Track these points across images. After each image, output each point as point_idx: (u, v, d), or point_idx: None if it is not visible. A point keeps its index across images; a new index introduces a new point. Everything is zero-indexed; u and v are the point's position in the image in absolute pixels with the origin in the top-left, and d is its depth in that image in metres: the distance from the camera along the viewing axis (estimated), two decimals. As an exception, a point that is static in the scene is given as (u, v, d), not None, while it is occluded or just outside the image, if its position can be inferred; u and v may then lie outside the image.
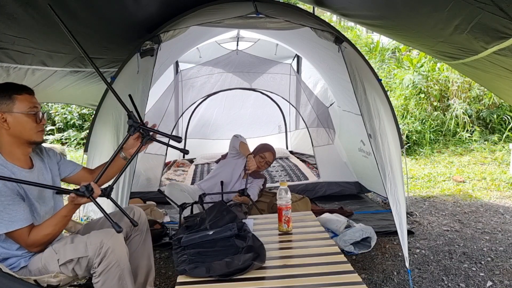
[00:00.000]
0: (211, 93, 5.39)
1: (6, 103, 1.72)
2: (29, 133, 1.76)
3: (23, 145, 1.79)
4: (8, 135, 1.73)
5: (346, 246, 2.98)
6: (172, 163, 5.85)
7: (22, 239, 1.69)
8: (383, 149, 2.76)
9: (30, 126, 1.76)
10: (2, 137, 1.73)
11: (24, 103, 1.75)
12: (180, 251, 1.84)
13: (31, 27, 2.27)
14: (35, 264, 1.74)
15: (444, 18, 1.97)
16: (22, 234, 1.67)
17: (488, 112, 7.52)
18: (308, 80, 5.43)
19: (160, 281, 2.74)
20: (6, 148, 1.74)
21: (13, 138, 1.74)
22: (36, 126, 1.78)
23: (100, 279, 1.69)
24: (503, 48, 1.89)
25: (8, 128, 1.72)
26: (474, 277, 2.74)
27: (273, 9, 3.13)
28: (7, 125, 1.71)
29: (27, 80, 3.05)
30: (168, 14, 3.11)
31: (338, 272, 1.60)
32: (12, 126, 1.72)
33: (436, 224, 3.73)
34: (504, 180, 5.20)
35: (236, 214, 2.11)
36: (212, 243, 1.87)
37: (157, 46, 2.95)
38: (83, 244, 1.71)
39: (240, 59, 5.23)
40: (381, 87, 3.25)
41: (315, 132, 4.92)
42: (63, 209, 1.75)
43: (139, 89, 2.90)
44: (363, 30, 11.61)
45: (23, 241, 1.69)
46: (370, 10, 2.73)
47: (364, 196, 4.55)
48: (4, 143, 1.74)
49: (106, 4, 2.52)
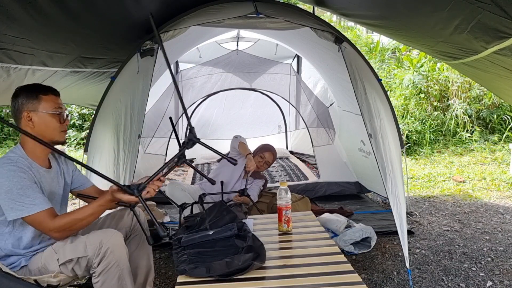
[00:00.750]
0: (211, 93, 5.39)
1: (32, 103, 1.78)
2: (53, 133, 1.82)
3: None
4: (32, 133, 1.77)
5: (346, 246, 2.98)
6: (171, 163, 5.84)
7: (45, 222, 1.66)
8: (384, 148, 2.76)
9: (54, 125, 1.82)
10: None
11: (49, 103, 1.81)
12: (180, 251, 1.84)
13: (31, 27, 2.27)
14: (35, 264, 1.74)
15: (444, 18, 1.97)
16: (45, 217, 1.66)
17: (488, 112, 7.52)
18: (308, 80, 5.43)
19: (160, 281, 2.74)
20: (28, 145, 1.79)
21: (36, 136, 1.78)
22: (59, 126, 1.84)
23: (100, 279, 1.69)
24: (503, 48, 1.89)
25: (33, 126, 1.78)
26: (474, 277, 2.74)
27: (273, 9, 3.13)
28: (32, 124, 1.78)
29: (27, 81, 3.05)
30: (168, 14, 3.11)
31: (338, 272, 1.60)
32: (37, 125, 1.79)
33: (436, 224, 3.73)
34: (504, 180, 5.20)
35: (236, 214, 2.11)
36: (212, 243, 1.87)
37: (157, 46, 2.95)
38: (83, 244, 1.71)
39: (240, 59, 5.23)
40: (381, 87, 3.25)
41: (315, 132, 4.92)
42: (99, 199, 1.74)
43: (139, 89, 2.90)
44: (363, 30, 11.61)
45: (46, 224, 1.67)
46: (370, 10, 2.73)
47: (364, 196, 4.55)
48: (27, 141, 1.79)
49: (106, 4, 2.52)
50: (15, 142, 9.38)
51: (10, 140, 9.42)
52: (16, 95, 1.81)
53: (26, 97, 1.78)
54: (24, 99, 1.78)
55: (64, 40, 2.71)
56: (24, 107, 1.78)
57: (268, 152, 3.52)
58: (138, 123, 2.88)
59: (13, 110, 1.81)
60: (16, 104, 1.79)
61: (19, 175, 1.66)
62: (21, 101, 1.78)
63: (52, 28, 2.42)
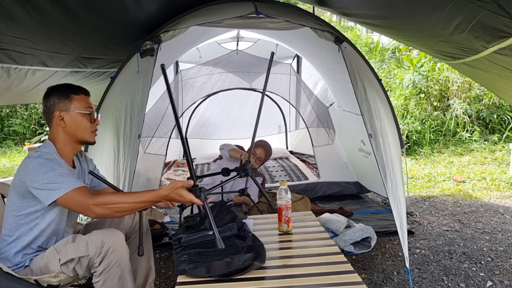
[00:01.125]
0: (211, 93, 5.39)
1: (64, 102, 1.82)
2: (83, 132, 1.86)
3: (74, 144, 1.88)
4: (63, 132, 1.83)
5: (346, 246, 2.98)
6: (172, 163, 5.85)
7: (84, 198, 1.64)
8: (384, 148, 2.75)
9: (85, 125, 1.85)
10: (58, 133, 1.83)
11: (81, 103, 1.84)
12: (180, 251, 1.84)
13: (31, 27, 2.27)
14: (37, 264, 1.74)
15: (444, 18, 1.97)
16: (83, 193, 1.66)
17: (488, 112, 7.52)
18: (308, 80, 5.43)
19: (160, 281, 2.74)
20: (59, 143, 1.83)
21: (67, 135, 1.84)
22: (90, 126, 1.87)
23: (101, 279, 1.69)
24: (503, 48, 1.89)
25: (64, 126, 1.81)
26: (474, 277, 2.74)
27: (273, 9, 3.13)
28: (63, 123, 1.81)
29: (28, 81, 3.05)
30: (168, 14, 3.11)
31: (338, 272, 1.60)
32: (68, 124, 1.82)
33: (436, 224, 3.73)
34: (504, 180, 5.20)
35: (236, 214, 2.11)
36: (212, 243, 1.87)
37: (157, 46, 2.95)
38: (84, 243, 1.71)
39: (240, 59, 5.23)
40: (381, 87, 3.25)
41: (315, 132, 4.92)
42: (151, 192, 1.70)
43: (139, 89, 2.90)
44: (363, 30, 11.61)
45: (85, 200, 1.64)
46: (370, 10, 2.73)
47: (364, 196, 4.55)
48: (58, 139, 1.83)
49: (106, 4, 2.52)
50: (15, 142, 9.38)
51: (10, 140, 9.42)
52: (47, 95, 1.84)
53: (58, 96, 1.82)
54: (56, 98, 1.81)
55: (64, 40, 2.71)
56: (56, 106, 1.81)
57: (259, 148, 3.42)
58: (138, 123, 2.87)
59: (45, 110, 1.84)
60: (48, 104, 1.82)
61: (55, 162, 1.70)
62: (53, 100, 1.81)
63: (52, 28, 2.42)
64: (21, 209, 1.75)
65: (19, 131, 9.39)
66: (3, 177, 6.38)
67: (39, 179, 1.66)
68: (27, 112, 9.59)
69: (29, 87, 3.27)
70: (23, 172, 1.71)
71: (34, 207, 1.74)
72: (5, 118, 9.64)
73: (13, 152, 8.60)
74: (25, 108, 9.58)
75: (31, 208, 1.74)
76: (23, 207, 1.74)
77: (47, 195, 1.65)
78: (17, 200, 1.74)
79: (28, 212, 1.75)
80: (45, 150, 1.77)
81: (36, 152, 1.75)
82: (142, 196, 1.69)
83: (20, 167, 1.75)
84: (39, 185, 1.66)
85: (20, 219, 1.75)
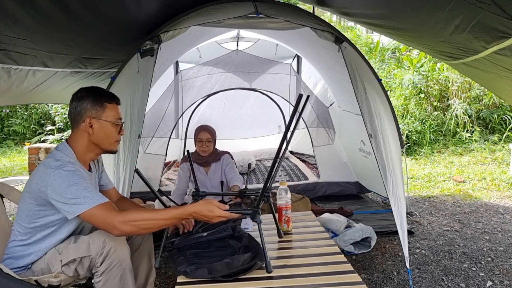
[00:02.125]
0: (211, 93, 5.38)
1: (97, 109, 1.77)
2: (109, 142, 1.82)
3: (96, 151, 1.84)
4: (88, 139, 1.78)
5: (346, 246, 2.98)
6: (172, 163, 5.85)
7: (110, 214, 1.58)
8: (384, 148, 2.76)
9: (113, 135, 1.82)
10: (82, 139, 1.78)
11: (112, 113, 1.81)
12: (175, 252, 1.82)
13: (32, 28, 2.27)
14: (39, 265, 1.73)
15: (444, 18, 1.97)
16: (108, 209, 1.59)
17: (488, 112, 7.52)
18: (308, 80, 5.43)
19: (160, 281, 2.74)
20: (80, 149, 1.78)
21: (92, 143, 1.79)
22: (116, 137, 1.83)
23: (102, 279, 1.69)
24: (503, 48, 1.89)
25: (92, 133, 1.77)
26: (474, 277, 2.74)
27: (273, 9, 3.13)
28: (91, 130, 1.77)
29: (28, 81, 3.05)
30: (168, 14, 3.11)
31: (338, 272, 1.60)
32: (96, 132, 1.77)
33: (436, 224, 3.73)
34: (504, 180, 5.20)
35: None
36: (207, 243, 1.86)
37: (157, 46, 2.95)
38: (86, 243, 1.71)
39: (240, 59, 5.23)
40: (381, 87, 3.25)
41: (315, 132, 4.92)
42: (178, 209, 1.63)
43: (139, 89, 2.90)
44: (363, 30, 11.61)
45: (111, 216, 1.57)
46: (371, 9, 2.73)
47: (364, 196, 4.55)
48: (81, 144, 1.78)
49: (106, 4, 2.52)
50: (15, 142, 9.38)
51: (10, 140, 9.42)
52: (80, 98, 1.77)
53: (92, 102, 1.76)
54: (89, 104, 1.76)
55: (64, 40, 2.72)
56: (88, 112, 1.76)
57: (201, 132, 3.42)
58: (138, 123, 2.88)
59: (73, 111, 1.77)
60: (79, 107, 1.76)
61: (77, 175, 1.64)
62: (85, 105, 1.76)
63: (53, 29, 2.42)
64: (38, 216, 1.69)
65: (19, 131, 9.40)
66: (3, 177, 6.38)
67: (62, 192, 1.59)
68: (27, 112, 9.59)
69: (29, 88, 3.27)
70: (42, 182, 1.63)
71: (52, 217, 1.69)
72: (5, 118, 9.65)
73: (13, 152, 8.60)
74: (25, 108, 9.58)
75: (49, 217, 1.69)
76: (40, 215, 1.69)
77: (70, 209, 1.59)
78: (34, 207, 1.68)
79: (45, 222, 1.70)
80: (66, 159, 1.69)
81: (57, 161, 1.66)
82: (168, 212, 1.63)
83: (37, 174, 1.67)
84: (62, 199, 1.59)
85: (37, 226, 1.71)
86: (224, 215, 1.59)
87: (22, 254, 1.73)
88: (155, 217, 1.62)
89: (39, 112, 9.58)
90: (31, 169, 6.22)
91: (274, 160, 1.62)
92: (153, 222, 1.61)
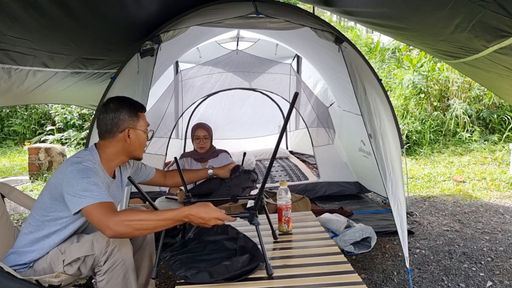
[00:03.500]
0: (211, 93, 5.38)
1: (133, 120, 1.82)
2: (140, 150, 1.88)
3: (123, 158, 1.87)
4: (122, 147, 1.81)
5: (346, 246, 2.98)
6: (172, 163, 5.84)
7: (107, 214, 1.55)
8: (384, 148, 2.75)
9: (144, 143, 1.88)
10: (114, 147, 1.81)
11: (144, 121, 1.87)
12: (169, 258, 1.75)
13: (32, 28, 2.27)
14: (41, 264, 1.73)
15: (445, 17, 1.97)
16: (108, 208, 1.58)
17: (488, 112, 7.52)
18: (308, 80, 5.43)
19: (160, 281, 2.74)
20: (108, 155, 1.81)
21: (123, 150, 1.83)
22: (146, 144, 1.90)
23: (105, 277, 1.69)
24: (504, 47, 1.89)
25: (129, 143, 1.81)
26: (474, 277, 2.74)
27: (273, 9, 3.13)
28: (129, 140, 1.81)
29: (29, 82, 3.05)
30: (168, 14, 3.11)
31: (338, 272, 1.60)
32: (132, 142, 1.82)
33: (436, 224, 3.73)
34: (504, 180, 5.20)
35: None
36: (202, 247, 1.81)
37: (157, 46, 2.95)
38: (89, 242, 1.71)
39: (240, 59, 5.23)
40: (381, 87, 3.25)
41: (315, 132, 4.92)
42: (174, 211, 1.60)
43: (139, 89, 2.89)
44: (363, 30, 11.62)
45: (108, 216, 1.54)
46: (371, 8, 2.73)
47: (364, 196, 4.55)
48: (110, 151, 1.81)
49: (106, 5, 2.52)
50: (15, 142, 9.38)
51: (10, 140, 9.42)
52: (116, 109, 1.79)
53: (128, 113, 1.80)
54: (126, 114, 1.80)
55: (64, 40, 2.71)
56: (125, 123, 1.79)
57: (198, 129, 3.48)
58: (138, 123, 2.87)
59: (110, 122, 1.78)
60: (116, 118, 1.79)
61: (92, 171, 1.67)
62: (123, 116, 1.79)
63: (53, 29, 2.42)
64: (50, 210, 1.72)
65: (19, 131, 9.40)
66: (3, 177, 6.38)
67: (74, 184, 1.61)
68: (27, 112, 9.59)
69: (30, 88, 3.27)
70: (60, 175, 1.68)
71: (61, 213, 1.71)
72: (5, 118, 9.65)
73: (13, 152, 8.60)
74: (25, 108, 9.58)
75: (59, 212, 1.71)
76: (52, 209, 1.72)
77: (75, 203, 1.60)
78: (48, 200, 1.72)
79: (55, 216, 1.72)
80: (87, 157, 1.72)
81: (79, 157, 1.71)
82: (164, 214, 1.59)
83: (59, 169, 1.72)
84: (71, 191, 1.61)
85: (47, 220, 1.73)
86: (221, 216, 1.59)
87: (25, 250, 1.74)
88: (149, 217, 1.58)
89: (39, 112, 9.58)
90: (31, 169, 6.22)
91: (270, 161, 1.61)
92: (147, 222, 1.56)
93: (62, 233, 1.75)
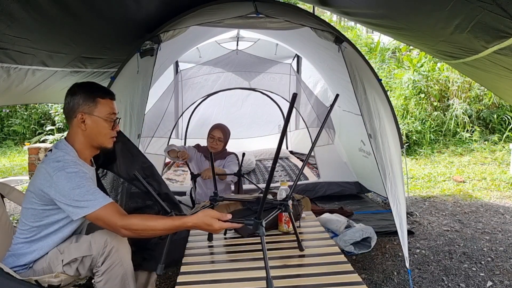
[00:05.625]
0: (211, 92, 5.39)
1: (89, 105, 1.75)
2: (103, 138, 1.80)
3: (92, 148, 1.82)
4: (82, 135, 1.76)
5: (346, 246, 2.98)
6: (172, 163, 5.85)
7: (113, 218, 1.58)
8: (384, 149, 2.75)
9: (105, 131, 1.79)
10: (77, 136, 1.77)
11: (105, 108, 1.78)
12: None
13: (31, 27, 2.27)
14: (40, 264, 1.73)
15: (444, 17, 1.97)
16: (111, 211, 1.59)
17: (488, 112, 7.52)
18: (308, 80, 5.43)
19: (160, 281, 2.74)
20: (79, 146, 1.77)
21: (86, 139, 1.78)
22: (110, 132, 1.81)
23: (103, 278, 1.69)
24: (503, 48, 1.89)
25: (84, 129, 1.75)
26: (474, 277, 2.74)
27: (273, 9, 3.13)
28: (84, 126, 1.75)
29: (28, 81, 3.05)
30: (168, 14, 3.11)
31: (338, 272, 1.60)
32: (89, 128, 1.76)
33: (436, 224, 3.73)
34: (504, 180, 5.20)
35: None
36: None
37: (157, 46, 2.95)
38: (87, 243, 1.70)
39: (240, 59, 5.23)
40: (381, 87, 3.25)
41: (315, 132, 4.91)
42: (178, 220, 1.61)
43: (139, 89, 2.90)
44: (363, 30, 11.62)
45: (114, 220, 1.58)
46: (371, 9, 2.73)
47: (364, 196, 4.55)
48: (78, 141, 1.77)
49: (106, 4, 2.52)
50: (15, 142, 9.38)
51: (10, 140, 9.42)
52: (73, 93, 1.76)
53: (84, 98, 1.74)
54: (81, 99, 1.74)
55: (64, 39, 2.71)
56: (79, 107, 1.74)
57: (215, 129, 3.44)
58: (138, 123, 2.87)
59: (67, 107, 1.76)
60: (72, 102, 1.75)
61: (80, 175, 1.63)
62: (77, 100, 1.74)
63: (52, 28, 2.42)
64: (43, 215, 1.69)
65: (19, 131, 9.39)
66: (3, 177, 6.38)
67: (66, 194, 1.59)
68: (27, 112, 9.59)
69: (29, 87, 3.27)
70: (46, 182, 1.62)
71: (57, 215, 1.69)
72: (5, 118, 9.65)
73: (13, 152, 8.60)
74: (25, 108, 9.58)
75: (54, 216, 1.69)
76: (46, 214, 1.69)
77: (74, 211, 1.59)
78: (39, 206, 1.68)
79: (51, 220, 1.70)
80: (67, 158, 1.68)
81: (58, 162, 1.65)
82: (168, 223, 1.61)
83: (40, 175, 1.65)
84: (66, 201, 1.59)
85: (42, 224, 1.71)
86: (224, 227, 1.57)
87: (24, 252, 1.73)
88: (155, 227, 1.60)
89: (39, 112, 9.58)
90: (31, 169, 6.22)
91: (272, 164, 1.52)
92: (152, 232, 1.61)
93: (61, 233, 1.74)
